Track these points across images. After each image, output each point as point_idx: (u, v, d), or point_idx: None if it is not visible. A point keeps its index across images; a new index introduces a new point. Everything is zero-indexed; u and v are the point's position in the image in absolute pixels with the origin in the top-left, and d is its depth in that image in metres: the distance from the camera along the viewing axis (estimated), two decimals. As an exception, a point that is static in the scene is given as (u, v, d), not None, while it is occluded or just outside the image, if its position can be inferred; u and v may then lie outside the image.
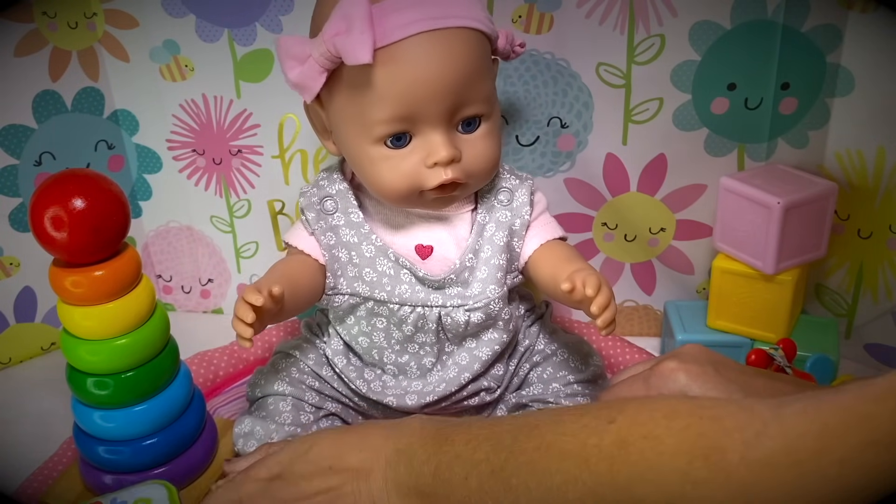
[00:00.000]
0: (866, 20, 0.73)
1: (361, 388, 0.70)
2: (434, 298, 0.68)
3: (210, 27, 0.83)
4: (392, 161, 0.63)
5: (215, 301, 0.99)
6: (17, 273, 0.86)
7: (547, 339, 0.74)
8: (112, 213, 0.59)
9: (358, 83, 0.61)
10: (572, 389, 0.71)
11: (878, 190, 0.78)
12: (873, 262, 0.82)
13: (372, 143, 0.63)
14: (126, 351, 0.62)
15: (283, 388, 0.71)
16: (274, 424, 0.68)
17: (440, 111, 0.62)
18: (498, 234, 0.69)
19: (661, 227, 0.85)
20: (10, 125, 0.82)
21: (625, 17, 0.76)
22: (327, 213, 0.69)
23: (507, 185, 0.71)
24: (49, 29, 0.82)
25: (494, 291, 0.68)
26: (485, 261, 0.68)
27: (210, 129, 0.88)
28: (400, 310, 0.68)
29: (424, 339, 0.70)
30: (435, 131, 0.62)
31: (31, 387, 0.85)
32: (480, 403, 0.72)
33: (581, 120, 0.81)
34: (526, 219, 0.70)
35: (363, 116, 0.62)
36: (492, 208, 0.70)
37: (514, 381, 0.73)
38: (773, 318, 0.78)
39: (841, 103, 0.77)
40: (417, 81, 0.60)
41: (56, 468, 0.71)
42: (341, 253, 0.69)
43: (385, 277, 0.68)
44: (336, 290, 0.69)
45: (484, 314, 0.68)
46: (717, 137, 0.80)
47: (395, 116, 0.62)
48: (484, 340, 0.70)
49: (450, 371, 0.70)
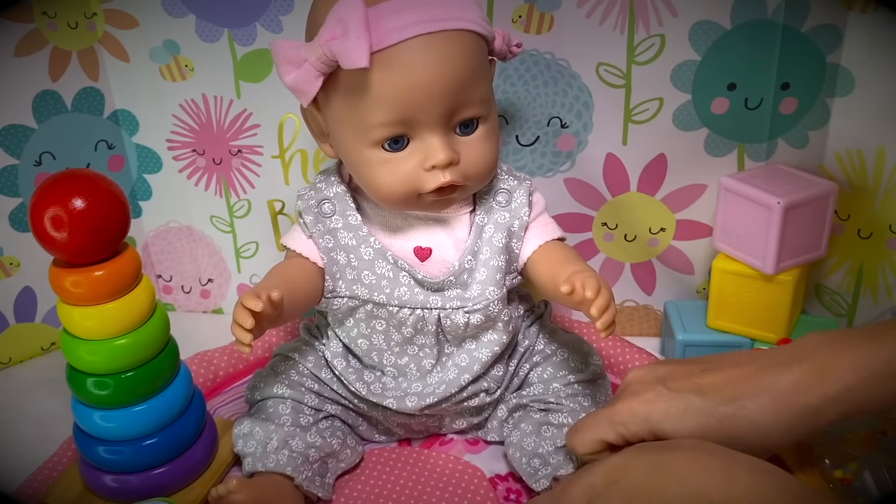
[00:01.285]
0: (866, 20, 0.73)
1: (361, 390, 0.70)
2: (433, 301, 0.68)
3: (210, 27, 0.83)
4: (390, 164, 0.63)
5: (215, 301, 0.99)
6: (17, 273, 0.86)
7: (546, 339, 0.74)
8: (112, 213, 0.59)
9: (354, 87, 0.61)
10: (573, 389, 0.71)
11: (878, 190, 0.78)
12: (873, 262, 0.82)
13: (369, 147, 0.63)
14: (126, 351, 0.62)
15: (283, 391, 0.71)
16: (273, 425, 0.68)
17: (438, 114, 0.61)
18: (497, 236, 0.69)
19: (661, 227, 0.85)
20: (10, 125, 0.82)
21: (625, 17, 0.76)
22: (325, 216, 0.69)
23: (506, 186, 0.71)
24: (49, 29, 0.82)
25: (494, 293, 0.68)
26: (484, 262, 0.68)
27: (210, 129, 0.88)
28: (399, 312, 0.68)
29: (424, 341, 0.69)
30: (432, 134, 0.62)
31: (31, 387, 0.85)
32: (480, 404, 0.72)
33: (581, 120, 0.81)
34: (524, 220, 0.70)
35: (360, 120, 0.62)
36: (490, 210, 0.70)
37: (514, 381, 0.73)
38: (773, 318, 0.78)
39: (841, 103, 0.77)
40: (414, 85, 0.60)
41: (56, 468, 0.71)
42: (340, 256, 0.69)
43: (384, 280, 0.68)
44: (335, 292, 0.69)
45: (483, 316, 0.68)
46: (717, 137, 0.80)
47: (392, 120, 0.61)
48: (483, 342, 0.70)
49: (449, 372, 0.70)
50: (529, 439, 0.68)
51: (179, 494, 0.67)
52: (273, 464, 0.65)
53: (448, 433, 0.75)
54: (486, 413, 0.73)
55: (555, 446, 0.67)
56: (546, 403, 0.70)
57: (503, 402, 0.73)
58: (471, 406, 0.72)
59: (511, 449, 0.69)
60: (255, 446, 0.67)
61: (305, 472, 0.66)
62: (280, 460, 0.65)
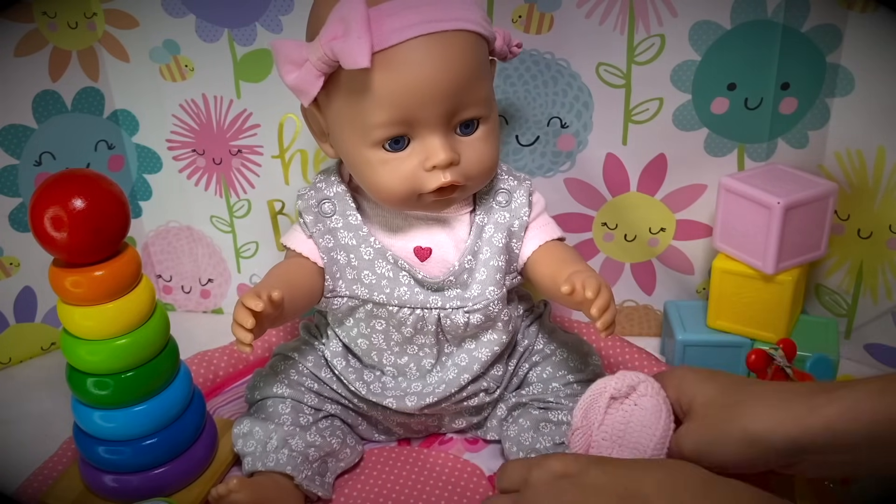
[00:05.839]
0: (866, 20, 0.73)
1: (361, 389, 0.70)
2: (433, 300, 0.68)
3: (210, 27, 0.83)
4: (390, 164, 0.63)
5: (215, 301, 0.99)
6: (17, 273, 0.86)
7: (546, 338, 0.74)
8: (112, 213, 0.59)
9: (355, 87, 0.61)
10: (572, 389, 0.71)
11: (878, 190, 0.78)
12: (873, 262, 0.82)
13: (370, 147, 0.63)
14: (126, 351, 0.62)
15: (282, 391, 0.71)
16: (273, 425, 0.68)
17: (438, 114, 0.62)
18: (497, 236, 0.69)
19: (661, 227, 0.85)
20: (10, 125, 0.82)
21: (625, 17, 0.76)
22: (325, 216, 0.69)
23: (506, 186, 0.71)
24: (49, 29, 0.82)
25: (493, 293, 0.68)
26: (483, 262, 0.68)
27: (210, 129, 0.88)
28: (399, 312, 0.68)
29: (424, 341, 0.70)
30: (433, 134, 0.62)
31: (31, 387, 0.85)
32: (480, 404, 0.72)
33: (581, 120, 0.81)
34: (524, 220, 0.70)
35: (361, 120, 0.62)
36: (490, 210, 0.70)
37: (514, 381, 0.73)
38: (773, 318, 0.78)
39: (841, 103, 0.77)
40: (415, 85, 0.60)
41: (56, 468, 0.72)
42: (340, 255, 0.69)
43: (384, 280, 0.68)
44: (335, 292, 0.69)
45: (483, 315, 0.68)
46: (717, 137, 0.80)
47: (393, 120, 0.61)
48: (483, 342, 0.70)
49: (449, 372, 0.70)
50: (527, 434, 0.68)
51: (179, 494, 0.67)
52: (273, 463, 0.65)
53: (448, 433, 0.75)
54: (486, 412, 0.73)
55: (553, 442, 0.67)
56: (545, 402, 0.70)
57: (503, 402, 0.73)
58: (470, 406, 0.72)
59: (508, 443, 0.70)
60: (254, 446, 0.67)
61: (305, 472, 0.66)
62: (280, 459, 0.65)
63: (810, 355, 0.75)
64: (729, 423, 0.54)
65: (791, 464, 0.53)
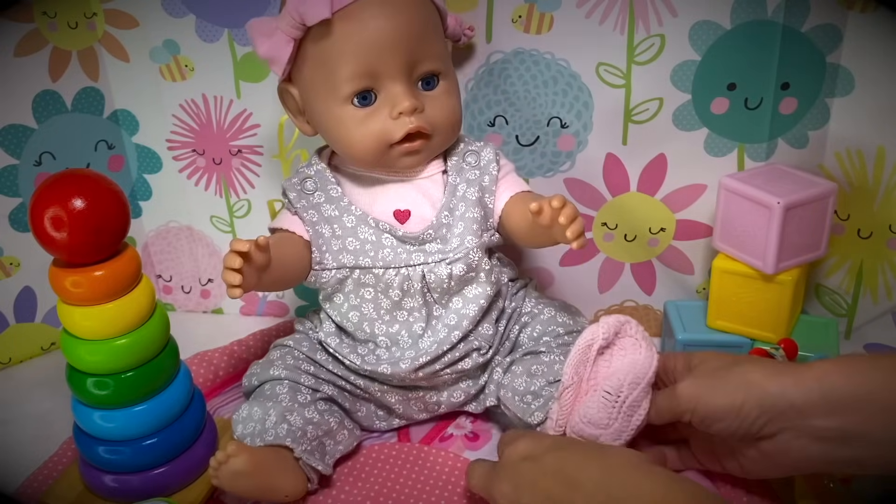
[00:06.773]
0: (866, 20, 0.73)
1: (356, 361, 0.72)
2: (416, 257, 0.71)
3: (210, 27, 0.83)
4: (360, 119, 0.69)
5: (215, 301, 0.99)
6: (17, 273, 0.86)
7: (533, 301, 0.77)
8: (112, 213, 0.59)
9: (321, 48, 0.67)
10: (563, 340, 0.73)
11: (878, 190, 0.78)
12: (873, 262, 0.82)
13: (340, 104, 0.69)
14: (126, 351, 0.62)
15: (279, 373, 0.72)
16: (271, 403, 0.68)
17: (398, 65, 0.67)
18: (470, 191, 0.73)
19: (661, 227, 0.85)
20: (10, 125, 0.82)
21: (625, 17, 0.76)
22: (308, 193, 0.73)
23: (473, 147, 0.75)
24: (49, 29, 0.82)
25: (472, 241, 0.71)
26: (460, 216, 0.72)
27: (210, 129, 0.88)
28: (385, 274, 0.70)
29: (412, 304, 0.72)
30: (396, 84, 0.68)
31: (31, 387, 0.85)
32: (474, 365, 0.73)
33: (581, 120, 0.81)
34: (494, 174, 0.73)
35: (330, 78, 0.68)
36: (461, 170, 0.74)
37: (506, 344, 0.75)
38: (773, 318, 0.78)
39: (841, 103, 0.77)
40: (373, 35, 0.66)
41: (56, 468, 0.72)
42: (324, 229, 0.72)
43: (367, 244, 0.71)
44: (322, 265, 0.72)
45: (465, 265, 0.71)
46: (717, 137, 0.80)
47: (357, 72, 0.67)
48: (469, 297, 0.72)
49: (440, 333, 0.72)
50: (521, 380, 0.70)
51: (179, 494, 0.67)
52: (272, 437, 0.66)
53: (447, 408, 0.76)
54: (483, 380, 0.74)
55: (546, 381, 0.68)
56: (538, 354, 0.72)
57: (498, 366, 0.74)
58: (464, 369, 0.72)
59: (503, 390, 0.71)
60: (253, 426, 0.67)
61: (305, 445, 0.66)
62: (279, 433, 0.66)
63: (811, 355, 0.75)
64: (729, 371, 0.59)
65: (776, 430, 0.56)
